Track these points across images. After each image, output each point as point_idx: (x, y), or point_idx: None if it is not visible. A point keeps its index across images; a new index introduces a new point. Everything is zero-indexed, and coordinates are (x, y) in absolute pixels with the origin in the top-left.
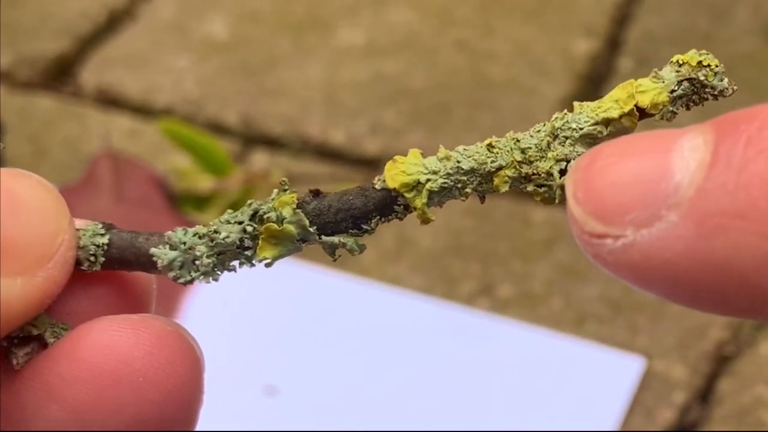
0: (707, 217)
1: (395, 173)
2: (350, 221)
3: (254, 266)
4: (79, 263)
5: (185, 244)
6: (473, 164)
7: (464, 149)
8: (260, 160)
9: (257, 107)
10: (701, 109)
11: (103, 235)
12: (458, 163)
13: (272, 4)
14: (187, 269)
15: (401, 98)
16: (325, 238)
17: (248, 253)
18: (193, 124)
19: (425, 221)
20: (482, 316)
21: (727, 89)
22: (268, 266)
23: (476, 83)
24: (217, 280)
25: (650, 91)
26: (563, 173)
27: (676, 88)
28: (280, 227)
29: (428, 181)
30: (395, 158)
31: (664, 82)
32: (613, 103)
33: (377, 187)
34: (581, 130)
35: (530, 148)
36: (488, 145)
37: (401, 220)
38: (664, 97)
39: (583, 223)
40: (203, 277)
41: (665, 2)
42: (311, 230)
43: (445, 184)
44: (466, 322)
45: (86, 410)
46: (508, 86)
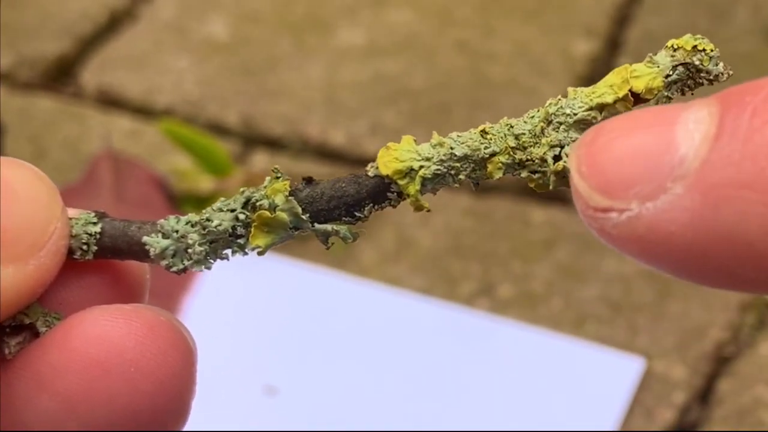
0: (713, 188)
1: (388, 160)
2: (343, 209)
3: (247, 254)
4: (71, 252)
5: (177, 232)
6: (467, 150)
7: (458, 135)
8: (260, 160)
9: (257, 108)
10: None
11: (95, 223)
12: (452, 149)
13: (272, 4)
14: (179, 257)
15: (401, 98)
16: (317, 225)
17: (241, 241)
18: (193, 124)
19: (419, 208)
20: (482, 316)
21: (722, 74)
22: (260, 254)
23: (476, 83)
24: (209, 268)
25: (645, 76)
26: (557, 159)
27: (671, 73)
28: (272, 215)
29: (421, 167)
30: (388, 145)
31: (659, 67)
32: (607, 88)
33: (370, 174)
34: (575, 115)
35: (524, 134)
36: (482, 131)
37: (395, 207)
38: (659, 82)
39: (587, 197)
40: (196, 265)
41: (665, 3)
42: (304, 218)
43: (438, 170)
44: (466, 322)
45: (77, 400)
46: (508, 86)
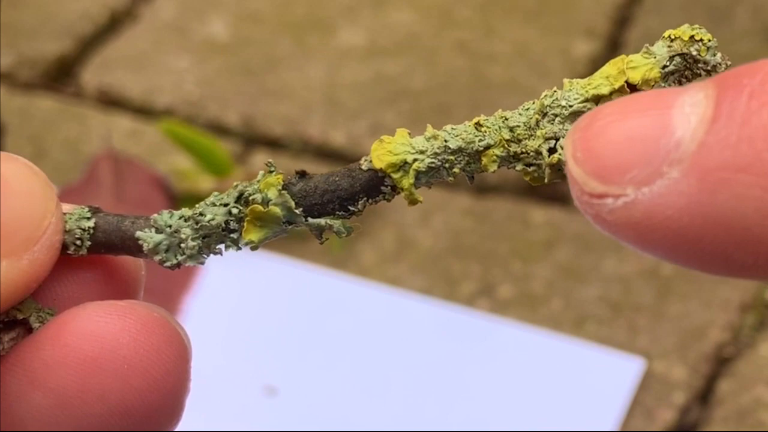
0: (710, 171)
1: (382, 153)
2: (337, 203)
3: (240, 249)
4: (65, 247)
5: (171, 227)
6: (461, 143)
7: (452, 128)
8: (261, 160)
9: (258, 108)
10: None
11: (89, 218)
12: (446, 142)
13: (272, 4)
14: (173, 252)
15: (401, 99)
16: (311, 220)
17: (234, 235)
18: (193, 124)
19: (413, 202)
20: (482, 316)
21: (720, 64)
22: (253, 249)
23: (476, 84)
24: (203, 263)
25: (641, 66)
26: (552, 152)
27: (668, 63)
28: (265, 209)
29: (415, 161)
30: (382, 138)
31: (655, 57)
32: (603, 79)
33: (364, 167)
34: (571, 107)
35: (519, 126)
36: (476, 123)
37: (389, 201)
38: (655, 72)
39: (582, 183)
40: (189, 260)
41: (665, 3)
42: (297, 212)
43: (432, 164)
44: (466, 322)
45: (70, 397)
46: (508, 87)
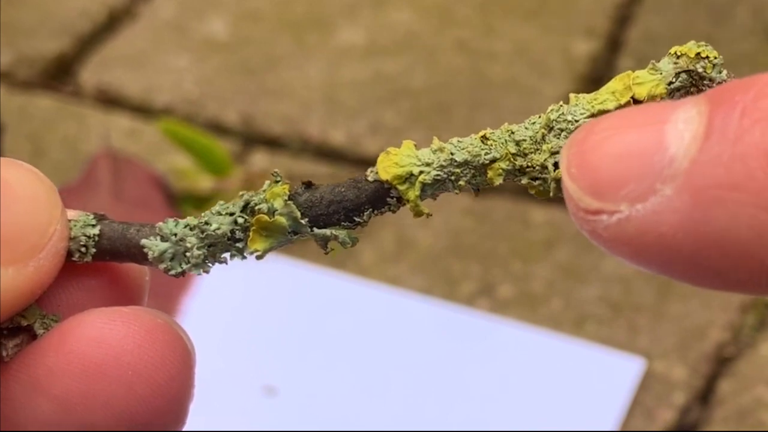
0: (703, 189)
1: (388, 165)
2: (342, 213)
3: (245, 258)
4: (70, 254)
5: (176, 235)
6: (467, 156)
7: (458, 141)
8: (260, 160)
9: (257, 107)
10: None
11: (94, 226)
12: (452, 155)
13: (272, 3)
14: (177, 261)
15: (401, 98)
16: (316, 230)
17: (239, 245)
18: (192, 123)
19: (418, 214)
20: (482, 316)
21: (725, 81)
22: (259, 258)
23: (476, 83)
24: (208, 272)
25: (647, 83)
26: (558, 166)
27: (673, 80)
28: (271, 219)
29: (421, 173)
30: (388, 150)
31: (661, 73)
32: (609, 95)
33: (370, 179)
34: (577, 122)
35: (525, 140)
36: (482, 137)
37: (394, 212)
38: (661, 89)
39: (577, 199)
40: (194, 268)
41: (666, 3)
42: (303, 222)
43: (438, 176)
44: (466, 322)
45: (74, 403)
46: (508, 86)
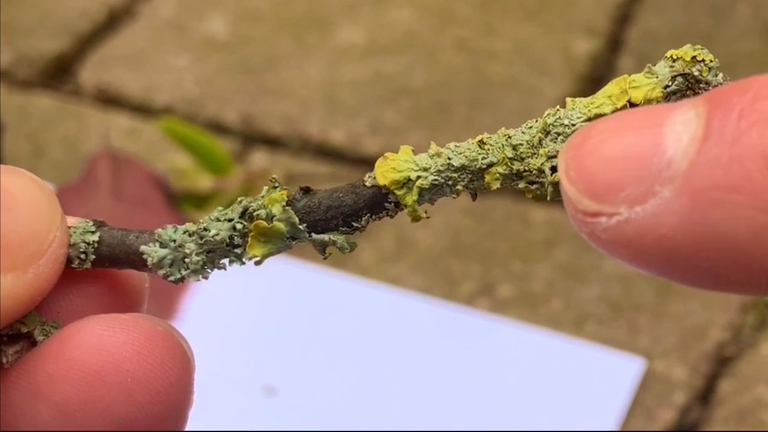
0: (701, 191)
1: (386, 170)
2: (340, 219)
3: (244, 264)
4: (69, 261)
5: (175, 241)
6: (464, 161)
7: (455, 146)
8: (260, 159)
9: (257, 106)
10: None
11: (93, 232)
12: (449, 159)
13: (272, 3)
14: (176, 267)
15: (401, 97)
16: (315, 235)
17: (238, 250)
18: (192, 123)
19: (416, 219)
20: (482, 316)
21: (721, 84)
22: (257, 264)
23: (476, 83)
24: (207, 277)
25: (644, 86)
26: (555, 170)
27: (669, 83)
28: (269, 225)
29: (419, 178)
30: (386, 155)
31: (657, 77)
32: (605, 99)
33: (368, 184)
34: (573, 126)
35: (522, 144)
36: (479, 141)
37: (392, 217)
38: (657, 92)
39: (576, 201)
40: (193, 275)
41: (666, 2)
42: (301, 228)
43: (435, 181)
44: (466, 322)
45: (73, 410)
46: (508, 86)
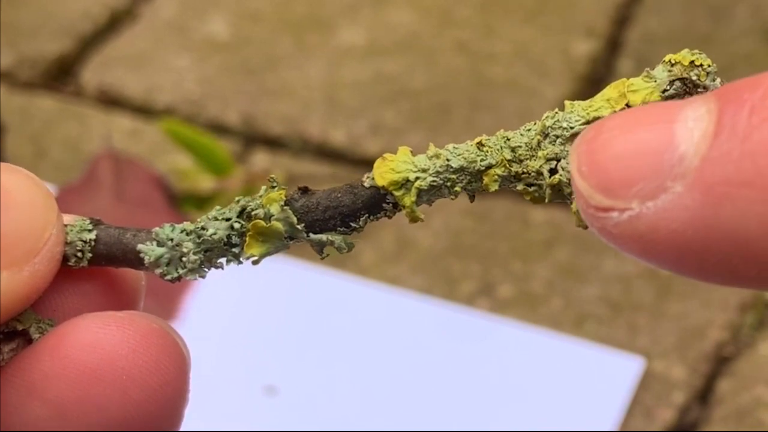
0: (713, 186)
1: (384, 171)
2: (338, 219)
3: (241, 263)
4: (66, 259)
5: (172, 240)
6: (463, 162)
7: (454, 147)
8: (261, 159)
9: (258, 107)
10: None
11: (90, 230)
12: (448, 161)
13: (273, 4)
14: (174, 266)
15: (401, 98)
16: (313, 235)
17: (235, 250)
18: (193, 124)
19: (414, 220)
20: (482, 316)
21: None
22: (255, 263)
23: (476, 84)
24: (204, 276)
25: (642, 90)
26: (553, 172)
27: (668, 87)
28: (267, 224)
29: (417, 179)
30: (384, 156)
31: (656, 81)
32: (604, 102)
33: (366, 184)
34: (572, 129)
35: (520, 146)
36: (478, 143)
37: (390, 218)
38: (655, 96)
39: (588, 197)
40: (190, 273)
41: (665, 3)
42: (299, 228)
43: (434, 182)
44: (466, 322)
45: (69, 408)
46: (508, 87)
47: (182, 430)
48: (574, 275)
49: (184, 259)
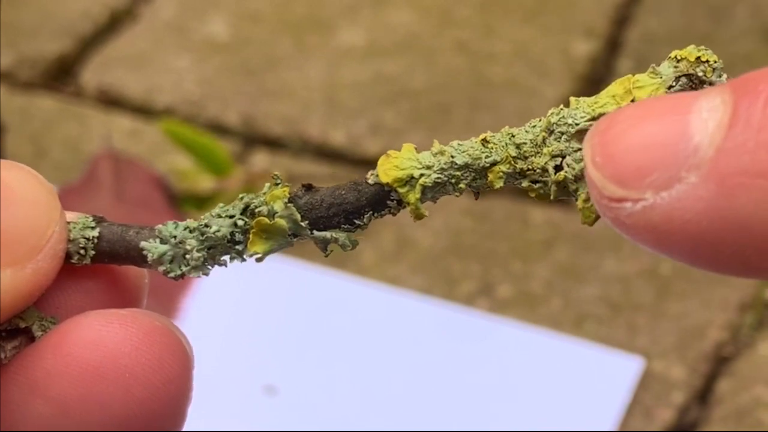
0: (728, 176)
1: (388, 168)
2: (342, 216)
3: (245, 261)
4: (69, 256)
5: (176, 237)
6: (467, 159)
7: (458, 144)
8: (261, 160)
9: (258, 107)
10: None
11: (93, 228)
12: (452, 158)
13: (272, 4)
14: (177, 263)
15: (401, 98)
16: (316, 233)
17: (239, 247)
18: (193, 124)
19: (418, 217)
20: (482, 316)
21: None
22: (259, 261)
23: (476, 84)
24: (207, 274)
25: (648, 87)
26: (558, 169)
27: (674, 84)
28: (271, 221)
29: (422, 176)
30: (389, 153)
31: (662, 77)
32: (609, 98)
33: (370, 181)
34: (577, 125)
35: (525, 143)
36: (483, 140)
37: (394, 215)
38: (661, 92)
39: (602, 187)
40: (193, 271)
41: (665, 3)
42: (303, 225)
43: (438, 179)
44: (465, 322)
45: (71, 406)
46: (508, 87)
47: (181, 430)
48: (573, 275)
49: (187, 256)
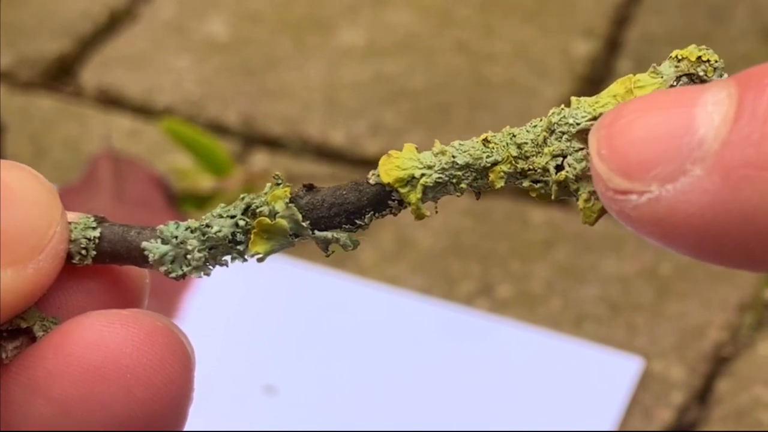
0: (733, 169)
1: (389, 168)
2: (344, 216)
3: (246, 261)
4: (70, 257)
5: (177, 238)
6: (468, 159)
7: (459, 144)
8: (260, 160)
9: (257, 107)
10: None
11: (94, 228)
12: (453, 158)
13: (272, 4)
14: (178, 263)
15: (401, 98)
16: (318, 233)
17: (240, 247)
18: (193, 124)
19: (420, 217)
20: (481, 316)
21: None
22: (260, 261)
23: (476, 84)
24: (208, 274)
25: (649, 86)
26: (559, 169)
27: (674, 83)
28: (272, 222)
29: (423, 176)
30: (390, 153)
31: (662, 77)
32: (610, 98)
33: (371, 181)
34: (578, 125)
35: (526, 143)
36: (484, 140)
37: (395, 215)
38: None
39: (607, 179)
40: (195, 271)
41: (665, 3)
42: (304, 225)
43: (440, 179)
44: (465, 322)
45: (73, 406)
46: (507, 87)
47: (182, 431)
48: (573, 275)
49: (188, 256)
